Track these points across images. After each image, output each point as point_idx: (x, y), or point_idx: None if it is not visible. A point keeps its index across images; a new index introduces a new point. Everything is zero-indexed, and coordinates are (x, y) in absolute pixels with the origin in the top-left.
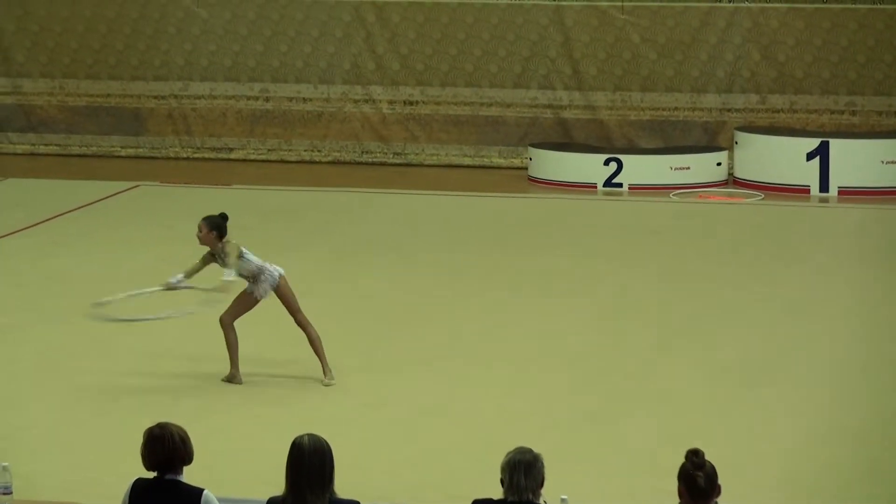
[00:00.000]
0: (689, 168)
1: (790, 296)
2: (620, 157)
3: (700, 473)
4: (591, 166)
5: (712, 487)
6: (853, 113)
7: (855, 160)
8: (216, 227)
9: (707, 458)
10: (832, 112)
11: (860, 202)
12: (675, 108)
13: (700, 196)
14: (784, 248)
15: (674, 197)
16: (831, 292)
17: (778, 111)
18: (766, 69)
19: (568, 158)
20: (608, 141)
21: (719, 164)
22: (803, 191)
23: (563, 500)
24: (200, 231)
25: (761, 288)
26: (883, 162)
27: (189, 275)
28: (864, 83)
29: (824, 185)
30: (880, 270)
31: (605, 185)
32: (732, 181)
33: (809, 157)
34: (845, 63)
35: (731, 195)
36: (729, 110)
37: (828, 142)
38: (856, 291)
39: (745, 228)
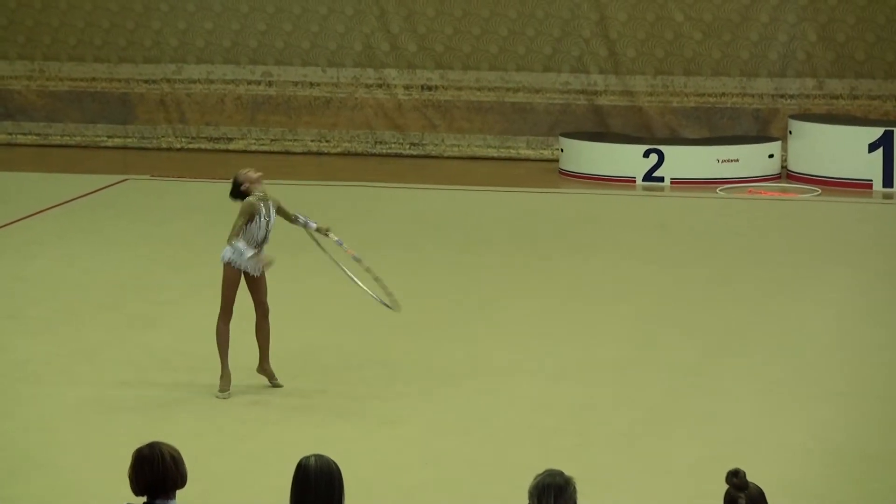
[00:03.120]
0: (737, 160)
1: (849, 302)
2: (662, 148)
3: (742, 495)
4: (629, 158)
5: None
6: None
7: None
8: None
9: (755, 481)
10: None
11: None
12: (723, 94)
13: (750, 191)
14: (842, 250)
15: (721, 192)
16: (894, 299)
17: (837, 97)
18: (824, 51)
19: (603, 150)
20: (648, 130)
21: (771, 155)
22: (865, 186)
23: None
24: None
25: (816, 294)
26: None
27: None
28: None
29: (888, 180)
30: None
31: (644, 180)
32: (786, 175)
33: (872, 148)
34: None
35: (784, 190)
36: (782, 96)
37: (892, 131)
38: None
39: (799, 227)
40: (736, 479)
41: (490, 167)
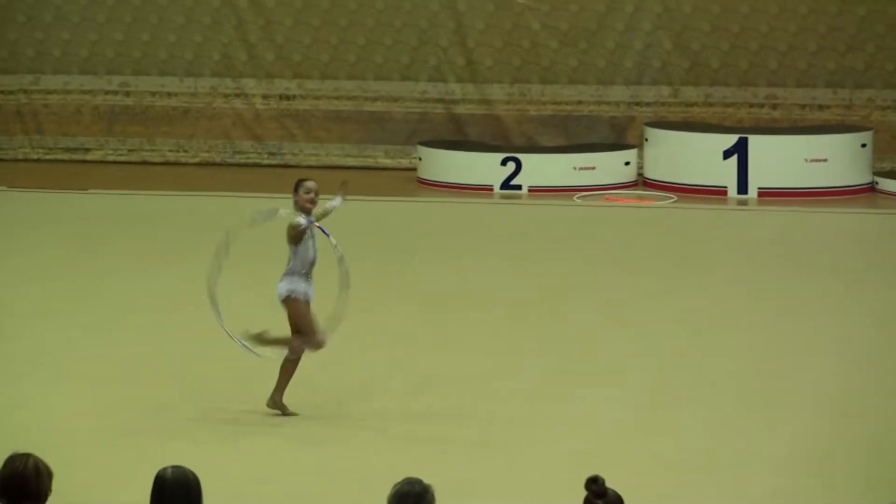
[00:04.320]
0: (594, 168)
1: (704, 308)
2: (519, 156)
3: (600, 502)
4: (486, 167)
5: None
6: (774, 106)
7: (776, 158)
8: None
9: (616, 487)
10: (751, 105)
11: (782, 204)
12: (579, 102)
13: (607, 198)
14: (698, 257)
15: (578, 200)
16: (747, 304)
17: (692, 105)
18: (679, 59)
19: (461, 158)
20: (505, 139)
21: (628, 163)
22: (720, 192)
23: None
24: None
25: (673, 300)
26: (806, 160)
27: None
28: (786, 74)
29: (743, 187)
30: (800, 281)
31: (502, 188)
32: (642, 182)
33: (726, 155)
34: (765, 52)
35: (640, 197)
36: (638, 104)
37: (746, 138)
38: (775, 303)
39: (656, 234)
40: (595, 486)
41: (348, 176)
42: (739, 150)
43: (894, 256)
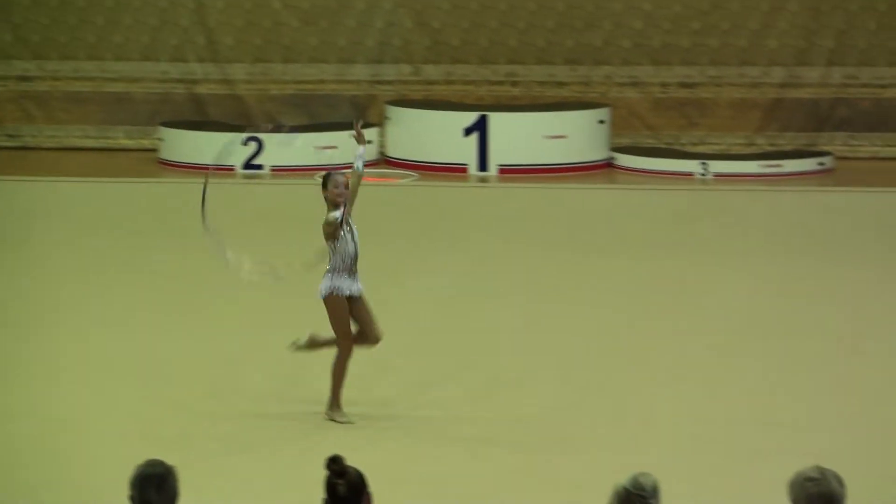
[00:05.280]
0: (336, 147)
1: (454, 285)
2: (261, 136)
3: (341, 482)
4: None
5: (357, 495)
6: (514, 84)
7: (516, 135)
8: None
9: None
10: (491, 83)
11: (521, 181)
12: (321, 81)
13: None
14: (441, 234)
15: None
16: (491, 281)
17: (433, 83)
18: (420, 37)
19: (203, 139)
20: (248, 118)
21: (370, 141)
22: (461, 169)
23: None
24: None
25: (416, 278)
26: (545, 137)
27: None
28: (525, 51)
29: (483, 164)
30: (542, 258)
31: (244, 168)
32: (384, 160)
33: (467, 132)
34: (505, 29)
35: (382, 176)
36: (379, 83)
37: (486, 116)
38: (519, 277)
39: (398, 212)
40: (335, 466)
41: (89, 158)
42: (480, 128)
43: (633, 230)
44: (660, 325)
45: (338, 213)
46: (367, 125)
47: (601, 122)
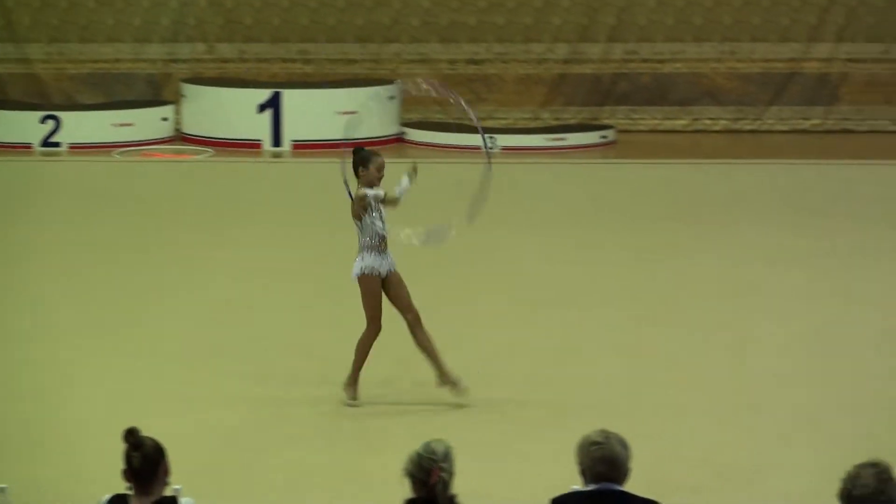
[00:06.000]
0: (132, 125)
1: (247, 260)
2: (58, 114)
3: (136, 454)
4: (26, 125)
5: (152, 466)
6: (306, 61)
7: (309, 111)
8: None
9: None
10: (284, 61)
11: (315, 156)
12: (117, 60)
13: (144, 154)
14: (236, 209)
15: (118, 156)
16: (289, 255)
17: (227, 61)
18: (213, 16)
19: (2, 117)
20: (45, 97)
21: (165, 119)
22: (255, 145)
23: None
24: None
25: (214, 252)
26: (338, 113)
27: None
28: (317, 29)
29: (276, 139)
30: (333, 233)
31: (42, 145)
32: (181, 138)
33: (261, 108)
34: (296, 8)
35: (178, 152)
36: (174, 61)
37: (279, 92)
38: (309, 252)
39: (194, 188)
40: (132, 438)
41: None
42: (273, 104)
43: (423, 203)
44: (448, 288)
45: (369, 191)
46: (162, 102)
47: (391, 98)
